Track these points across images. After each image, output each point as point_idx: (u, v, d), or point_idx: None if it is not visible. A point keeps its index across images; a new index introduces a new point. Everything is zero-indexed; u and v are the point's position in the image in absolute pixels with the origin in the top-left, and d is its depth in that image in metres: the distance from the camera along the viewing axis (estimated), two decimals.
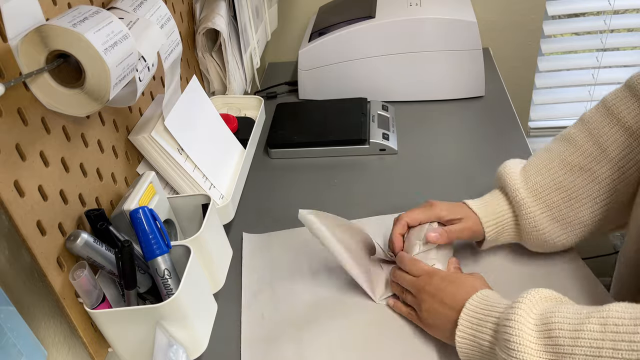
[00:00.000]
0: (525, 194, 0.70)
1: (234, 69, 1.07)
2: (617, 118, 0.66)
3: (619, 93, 0.67)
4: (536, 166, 0.72)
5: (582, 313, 0.50)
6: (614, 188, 0.67)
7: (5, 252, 0.51)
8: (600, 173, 0.67)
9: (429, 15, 1.10)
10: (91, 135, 0.65)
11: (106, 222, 0.60)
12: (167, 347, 0.60)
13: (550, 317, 0.51)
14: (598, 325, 0.48)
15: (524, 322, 0.51)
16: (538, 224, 0.70)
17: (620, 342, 0.46)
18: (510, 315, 0.53)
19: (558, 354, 0.49)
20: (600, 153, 0.67)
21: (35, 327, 0.54)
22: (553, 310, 0.51)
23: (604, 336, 0.47)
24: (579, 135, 0.70)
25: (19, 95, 0.52)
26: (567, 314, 0.50)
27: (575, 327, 0.49)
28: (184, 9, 0.99)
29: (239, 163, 0.92)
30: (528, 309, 0.53)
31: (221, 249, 0.78)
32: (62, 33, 0.48)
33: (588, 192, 0.68)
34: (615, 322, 0.47)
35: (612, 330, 0.47)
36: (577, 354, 0.48)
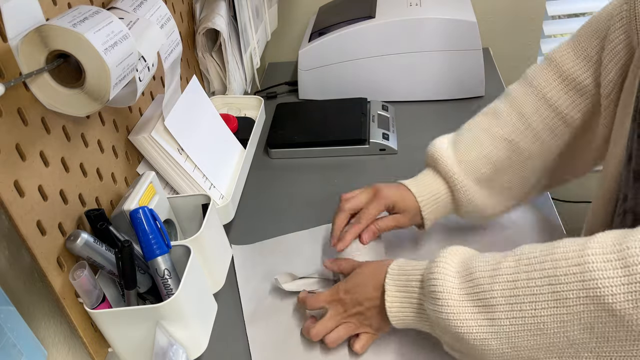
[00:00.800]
0: (457, 169, 0.72)
1: (234, 69, 1.07)
2: (537, 89, 0.70)
3: (539, 66, 0.71)
4: (464, 141, 0.74)
5: (498, 256, 0.53)
6: (539, 157, 0.71)
7: (5, 252, 0.51)
8: (525, 144, 0.71)
9: (429, 15, 1.10)
10: (91, 135, 0.65)
11: (106, 222, 0.60)
12: (167, 347, 0.60)
13: (469, 263, 0.54)
14: (513, 262, 0.50)
15: (446, 271, 0.54)
16: (472, 197, 0.72)
17: (532, 272, 0.48)
18: (433, 268, 0.55)
19: (479, 294, 0.51)
20: (524, 125, 0.71)
21: (35, 327, 0.54)
22: (472, 258, 0.54)
23: (518, 269, 0.50)
24: (504, 107, 0.73)
25: (19, 95, 0.52)
26: (485, 259, 0.53)
27: (493, 267, 0.51)
28: (184, 9, 0.99)
29: (239, 163, 0.92)
30: (449, 259, 0.55)
31: (221, 249, 0.78)
32: (62, 33, 0.48)
33: (514, 162, 0.72)
34: (528, 255, 0.50)
35: (525, 263, 0.50)
36: (495, 290, 0.50)
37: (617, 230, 0.47)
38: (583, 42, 0.68)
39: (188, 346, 0.63)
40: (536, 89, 0.70)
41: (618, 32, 0.63)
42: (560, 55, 0.69)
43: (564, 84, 0.69)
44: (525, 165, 0.72)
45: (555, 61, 0.70)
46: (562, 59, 0.69)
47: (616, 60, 0.63)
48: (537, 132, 0.70)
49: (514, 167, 0.72)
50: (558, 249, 0.48)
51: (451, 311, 0.52)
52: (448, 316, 0.52)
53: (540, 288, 0.48)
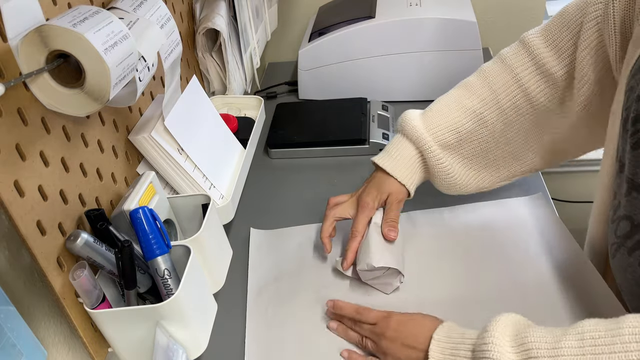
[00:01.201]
0: (424, 132, 0.75)
1: (234, 69, 1.07)
2: (510, 68, 0.73)
3: (514, 47, 0.74)
4: (434, 110, 0.77)
5: (556, 331, 0.50)
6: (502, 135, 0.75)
7: (5, 252, 0.51)
8: (490, 116, 0.74)
9: (429, 15, 1.10)
10: (91, 135, 0.65)
11: (106, 222, 0.60)
12: (167, 347, 0.60)
13: (525, 337, 0.50)
14: (575, 341, 0.47)
15: (501, 344, 0.51)
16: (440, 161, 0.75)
17: (600, 355, 0.46)
18: (486, 338, 0.52)
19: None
20: (492, 98, 0.74)
21: (35, 327, 0.54)
22: (526, 331, 0.51)
23: (583, 350, 0.47)
24: (475, 81, 0.76)
25: (19, 95, 0.52)
26: (541, 333, 0.50)
27: (553, 345, 0.48)
28: (184, 9, 0.99)
29: (239, 163, 0.92)
30: (502, 330, 0.52)
31: (221, 249, 0.78)
32: (62, 33, 0.48)
33: (479, 134, 0.75)
34: (592, 335, 0.47)
35: (590, 343, 0.47)
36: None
37: None
38: (555, 33, 0.69)
39: (188, 346, 0.63)
40: (509, 67, 0.73)
41: (591, 31, 0.64)
42: (533, 40, 0.71)
43: (534, 67, 0.71)
44: (490, 138, 0.75)
45: (528, 45, 0.72)
46: (535, 44, 0.71)
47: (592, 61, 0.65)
48: (504, 108, 0.73)
49: (478, 139, 0.75)
50: (625, 329, 0.46)
51: None
52: None
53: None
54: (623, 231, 0.57)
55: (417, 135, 0.75)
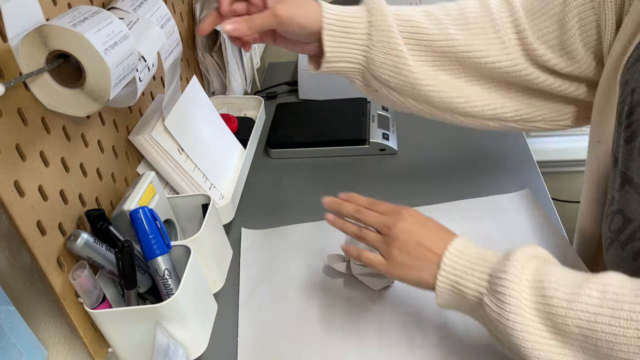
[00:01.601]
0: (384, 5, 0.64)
1: (234, 69, 1.07)
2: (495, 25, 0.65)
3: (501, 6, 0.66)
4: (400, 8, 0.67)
5: (578, 277, 0.48)
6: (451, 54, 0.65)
7: (5, 252, 0.51)
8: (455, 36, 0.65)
9: None
10: (91, 135, 0.65)
11: (106, 222, 0.60)
12: (167, 347, 0.60)
13: (545, 276, 0.49)
14: (597, 292, 0.45)
15: (521, 276, 0.49)
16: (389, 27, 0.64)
17: (619, 311, 0.44)
18: (507, 267, 0.50)
19: (551, 315, 0.47)
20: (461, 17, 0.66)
21: (35, 327, 0.54)
22: (548, 270, 0.49)
23: (602, 303, 0.45)
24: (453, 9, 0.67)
25: (19, 95, 0.52)
26: (562, 275, 0.48)
27: (572, 291, 0.46)
28: (184, 9, 0.99)
29: (239, 163, 0.92)
30: (526, 263, 0.50)
31: (221, 249, 0.78)
32: (62, 33, 0.48)
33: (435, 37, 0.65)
34: (615, 290, 0.45)
35: (611, 298, 0.45)
36: (571, 317, 0.46)
37: None
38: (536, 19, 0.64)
39: (188, 346, 0.64)
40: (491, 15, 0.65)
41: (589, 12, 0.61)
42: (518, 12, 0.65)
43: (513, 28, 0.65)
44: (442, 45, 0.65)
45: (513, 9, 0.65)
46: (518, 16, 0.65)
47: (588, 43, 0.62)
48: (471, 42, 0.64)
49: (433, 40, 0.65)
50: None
51: (518, 321, 0.48)
52: (513, 325, 0.48)
53: (625, 330, 0.43)
54: (616, 225, 0.57)
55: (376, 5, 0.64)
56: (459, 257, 0.55)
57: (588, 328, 0.45)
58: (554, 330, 0.47)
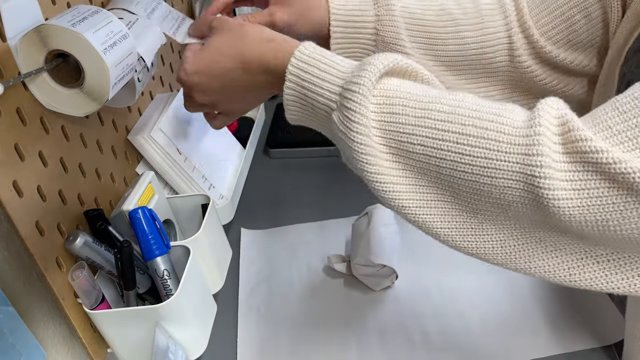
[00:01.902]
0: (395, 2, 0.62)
1: None
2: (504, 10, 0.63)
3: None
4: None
5: (432, 92, 0.43)
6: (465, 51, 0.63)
7: (4, 253, 0.50)
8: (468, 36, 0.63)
9: None
10: (90, 135, 0.65)
11: (105, 222, 0.60)
12: (167, 348, 0.60)
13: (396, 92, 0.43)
14: (448, 107, 0.41)
15: (370, 89, 0.43)
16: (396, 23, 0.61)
17: (469, 127, 0.40)
18: (359, 79, 0.43)
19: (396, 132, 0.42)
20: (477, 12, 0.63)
21: (34, 327, 0.54)
22: (400, 87, 0.44)
23: (451, 117, 0.40)
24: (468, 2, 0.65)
25: (18, 95, 0.52)
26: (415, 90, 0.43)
27: (422, 106, 0.42)
28: (184, 9, 0.98)
29: (239, 163, 0.92)
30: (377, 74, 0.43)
31: (221, 249, 0.78)
32: (61, 33, 0.48)
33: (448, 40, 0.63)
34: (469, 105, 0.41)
35: (463, 113, 0.40)
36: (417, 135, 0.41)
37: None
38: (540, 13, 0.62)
39: (188, 346, 0.63)
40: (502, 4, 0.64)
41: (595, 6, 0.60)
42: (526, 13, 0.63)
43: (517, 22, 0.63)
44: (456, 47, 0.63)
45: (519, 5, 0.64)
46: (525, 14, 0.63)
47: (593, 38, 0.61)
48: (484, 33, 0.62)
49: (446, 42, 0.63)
50: (506, 112, 0.39)
51: (362, 142, 0.42)
52: (358, 147, 0.43)
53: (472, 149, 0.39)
54: None
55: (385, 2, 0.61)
56: (307, 62, 0.47)
57: (433, 147, 0.41)
58: (398, 153, 0.43)
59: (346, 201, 0.91)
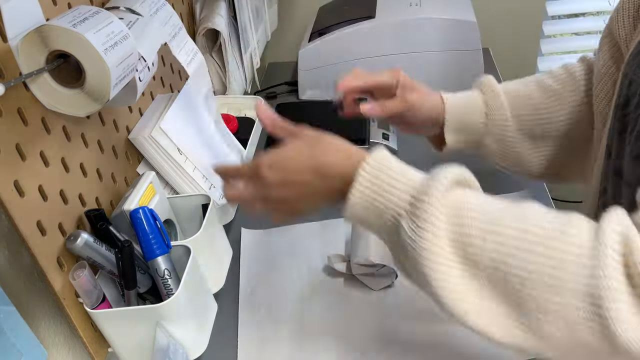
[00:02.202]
0: (499, 90, 0.70)
1: (234, 69, 1.07)
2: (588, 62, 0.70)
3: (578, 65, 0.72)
4: (515, 80, 0.73)
5: (499, 206, 0.45)
6: (576, 122, 0.69)
7: (5, 252, 0.51)
8: (570, 100, 0.69)
9: (429, 15, 1.09)
10: (91, 135, 0.65)
11: (106, 222, 0.60)
12: (167, 348, 0.60)
13: (466, 203, 0.45)
14: (515, 223, 0.43)
15: (441, 199, 0.45)
16: (507, 121, 0.69)
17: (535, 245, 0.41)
18: (430, 189, 0.46)
19: (465, 244, 0.44)
20: (573, 84, 0.70)
21: (35, 327, 0.54)
22: (468, 198, 0.46)
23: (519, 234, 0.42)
24: (558, 69, 0.73)
25: (19, 95, 0.52)
26: (482, 205, 0.45)
27: (491, 221, 0.44)
28: (184, 9, 0.99)
29: (239, 163, 0.92)
30: (447, 186, 0.46)
31: (221, 249, 0.78)
32: (62, 33, 0.48)
33: (555, 115, 0.69)
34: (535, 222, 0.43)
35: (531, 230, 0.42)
36: (486, 249, 0.43)
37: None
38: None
39: (188, 346, 0.63)
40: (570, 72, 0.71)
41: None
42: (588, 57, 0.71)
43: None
44: (563, 123, 0.69)
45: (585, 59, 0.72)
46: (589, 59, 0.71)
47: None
48: (582, 93, 0.69)
49: (552, 120, 0.69)
50: (572, 229, 0.41)
51: (431, 249, 0.44)
52: (427, 254, 0.44)
53: (537, 267, 0.41)
54: None
55: (491, 89, 0.70)
56: (379, 170, 0.49)
57: (500, 261, 0.42)
58: (465, 262, 0.44)
59: None
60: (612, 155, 0.57)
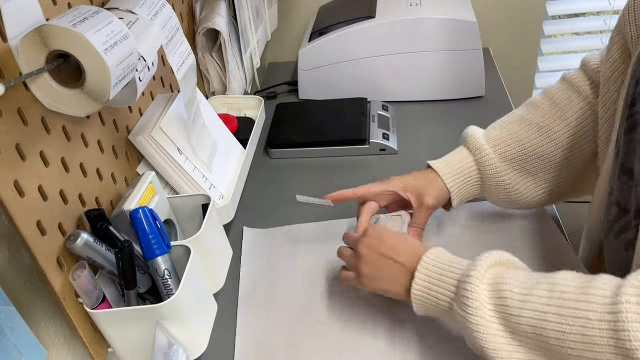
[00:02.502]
0: (484, 143, 0.74)
1: (234, 69, 1.07)
2: (575, 87, 0.72)
3: (577, 72, 0.74)
4: (497, 124, 0.77)
5: (532, 278, 0.51)
6: (569, 149, 0.72)
7: (5, 252, 0.51)
8: (557, 131, 0.72)
9: (429, 15, 1.10)
10: (91, 135, 0.65)
11: (106, 222, 0.60)
12: (167, 347, 0.60)
13: (503, 278, 0.52)
14: (546, 292, 0.49)
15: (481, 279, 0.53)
16: (498, 173, 0.74)
17: (564, 309, 0.47)
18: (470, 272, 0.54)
19: (507, 316, 0.51)
20: (557, 113, 0.73)
21: (35, 327, 0.54)
22: (505, 275, 0.53)
23: (549, 302, 0.48)
24: (539, 99, 0.75)
25: (19, 95, 0.52)
26: (518, 278, 0.52)
27: (524, 291, 0.50)
28: (184, 9, 0.99)
29: (239, 163, 0.92)
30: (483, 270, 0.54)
31: (221, 249, 0.78)
32: (62, 33, 0.48)
33: (544, 149, 0.73)
34: (562, 288, 0.48)
35: (557, 296, 0.48)
36: (524, 317, 0.49)
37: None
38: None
39: (188, 346, 0.63)
40: (570, 83, 0.73)
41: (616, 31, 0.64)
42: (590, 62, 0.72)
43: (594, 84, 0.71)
44: (555, 154, 0.73)
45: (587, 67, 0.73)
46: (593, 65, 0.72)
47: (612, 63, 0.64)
48: (570, 121, 0.72)
49: (543, 154, 0.73)
50: (594, 289, 0.47)
51: (480, 323, 0.52)
52: (477, 328, 0.52)
53: (571, 328, 0.46)
54: (612, 215, 0.59)
55: (477, 145, 0.74)
56: (432, 265, 0.59)
57: (538, 327, 0.48)
58: (511, 331, 0.51)
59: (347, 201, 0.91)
60: (620, 155, 0.57)
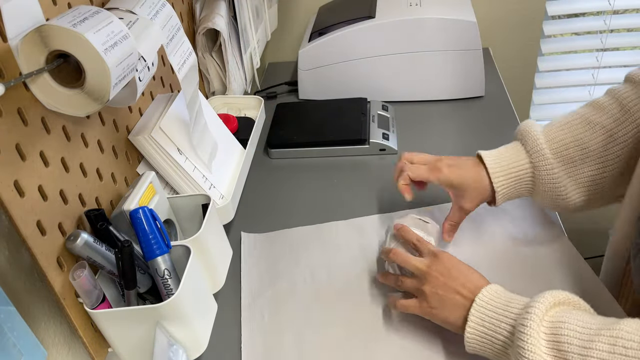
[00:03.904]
0: (544, 146, 0.70)
1: (234, 69, 1.07)
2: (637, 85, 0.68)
3: None
4: (558, 123, 0.72)
5: (592, 327, 0.50)
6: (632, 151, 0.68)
7: (5, 252, 0.51)
8: (622, 134, 0.67)
9: (429, 15, 1.10)
10: (91, 135, 0.65)
11: (106, 222, 0.60)
12: (167, 347, 0.60)
13: (560, 328, 0.51)
14: (607, 345, 0.48)
15: (537, 329, 0.51)
16: (555, 177, 0.70)
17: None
18: (525, 320, 0.53)
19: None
20: (624, 115, 0.68)
21: (35, 327, 0.54)
22: (564, 321, 0.51)
23: (612, 357, 0.47)
24: (605, 100, 0.70)
25: (19, 95, 0.52)
26: (577, 327, 0.50)
27: (584, 344, 0.49)
28: (184, 9, 0.99)
29: (239, 163, 0.92)
30: (542, 314, 0.52)
31: (221, 249, 0.78)
32: (62, 33, 0.48)
33: (607, 152, 0.68)
34: (625, 343, 0.47)
35: (620, 352, 0.47)
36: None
37: None
38: None
39: (188, 346, 0.63)
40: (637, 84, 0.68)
41: None
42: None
43: None
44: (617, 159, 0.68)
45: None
46: None
47: None
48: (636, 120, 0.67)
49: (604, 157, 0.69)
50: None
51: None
52: None
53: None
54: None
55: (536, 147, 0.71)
56: (488, 308, 0.57)
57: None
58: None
59: (347, 202, 0.91)
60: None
